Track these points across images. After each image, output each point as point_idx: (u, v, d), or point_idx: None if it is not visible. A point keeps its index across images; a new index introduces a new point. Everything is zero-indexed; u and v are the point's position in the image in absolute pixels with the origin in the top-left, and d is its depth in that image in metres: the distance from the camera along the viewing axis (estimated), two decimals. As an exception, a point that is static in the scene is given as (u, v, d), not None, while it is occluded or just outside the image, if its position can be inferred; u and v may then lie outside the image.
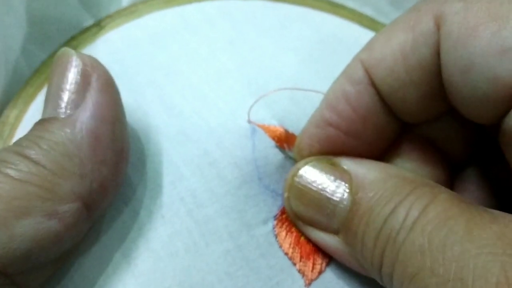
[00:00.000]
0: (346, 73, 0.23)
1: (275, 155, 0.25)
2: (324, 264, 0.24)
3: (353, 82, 0.22)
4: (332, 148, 0.23)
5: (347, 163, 0.23)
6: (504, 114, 0.19)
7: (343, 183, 0.22)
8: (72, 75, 0.22)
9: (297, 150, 0.25)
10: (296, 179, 0.24)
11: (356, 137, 0.23)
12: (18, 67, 0.28)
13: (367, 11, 0.32)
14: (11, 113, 0.26)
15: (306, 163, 0.24)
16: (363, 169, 0.22)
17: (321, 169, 0.23)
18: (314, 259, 0.24)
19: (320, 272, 0.24)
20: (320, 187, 0.23)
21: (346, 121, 0.23)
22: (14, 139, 0.25)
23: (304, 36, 0.30)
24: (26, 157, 0.20)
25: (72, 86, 0.22)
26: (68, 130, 0.21)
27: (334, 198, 0.22)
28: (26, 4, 0.28)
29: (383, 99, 0.22)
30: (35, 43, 0.29)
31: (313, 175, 0.23)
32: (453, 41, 0.19)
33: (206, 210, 0.24)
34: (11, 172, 0.20)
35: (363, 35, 0.31)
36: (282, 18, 0.31)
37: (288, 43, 0.29)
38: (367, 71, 0.22)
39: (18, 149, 0.20)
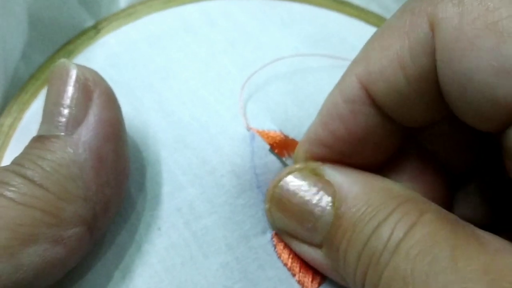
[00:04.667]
0: (340, 88, 0.22)
1: (274, 162, 0.25)
2: (323, 275, 0.24)
3: (347, 100, 0.21)
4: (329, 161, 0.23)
5: (332, 174, 0.22)
6: (504, 128, 0.18)
7: (326, 195, 0.22)
8: (72, 90, 0.21)
9: (296, 161, 0.24)
10: (277, 190, 0.23)
11: (351, 156, 0.22)
12: (17, 71, 0.28)
13: (373, 8, 0.31)
14: (5, 121, 0.26)
15: (288, 173, 0.23)
16: (348, 181, 0.21)
17: (304, 180, 0.22)
18: (313, 270, 0.24)
19: (319, 284, 0.24)
20: (302, 199, 0.22)
21: (340, 141, 0.22)
22: (9, 149, 0.25)
23: (307, 34, 0.29)
24: (29, 180, 0.19)
25: (74, 101, 0.21)
26: (71, 151, 0.20)
27: (317, 211, 0.22)
28: (26, 7, 0.27)
29: (382, 113, 0.21)
30: (34, 46, 0.28)
31: (295, 186, 0.22)
32: (448, 54, 0.18)
33: (204, 221, 0.23)
34: (14, 195, 0.19)
35: (369, 34, 0.30)
36: (284, 16, 0.30)
37: (291, 42, 0.28)
38: (363, 87, 0.21)
39: (20, 170, 0.20)
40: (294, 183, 0.22)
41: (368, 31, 0.30)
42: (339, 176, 0.22)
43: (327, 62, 0.28)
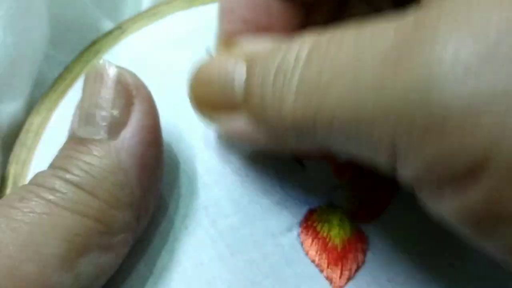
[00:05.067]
0: None
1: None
2: (353, 270, 0.24)
3: None
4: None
5: (245, 43, 0.22)
6: None
7: (240, 61, 0.21)
8: (114, 92, 0.21)
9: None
10: (199, 68, 0.23)
11: (270, 31, 0.22)
12: (41, 72, 0.28)
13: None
14: (34, 120, 0.26)
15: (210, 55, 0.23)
16: (258, 41, 0.21)
17: (220, 55, 0.23)
18: (342, 265, 0.23)
19: (349, 279, 0.23)
20: (219, 70, 0.21)
21: (252, 21, 0.22)
22: (39, 147, 0.25)
23: None
24: (80, 188, 0.19)
25: (116, 105, 0.20)
26: (117, 158, 0.20)
27: (232, 74, 0.21)
28: (48, 9, 0.28)
29: None
30: (56, 47, 0.29)
31: (213, 61, 0.22)
32: None
33: (230, 219, 0.24)
34: (67, 204, 0.19)
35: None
36: None
37: None
38: None
39: (69, 177, 0.19)
40: (213, 62, 0.22)
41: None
42: (249, 44, 0.22)
43: None
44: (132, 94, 0.21)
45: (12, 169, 0.25)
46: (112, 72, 0.21)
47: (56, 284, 0.18)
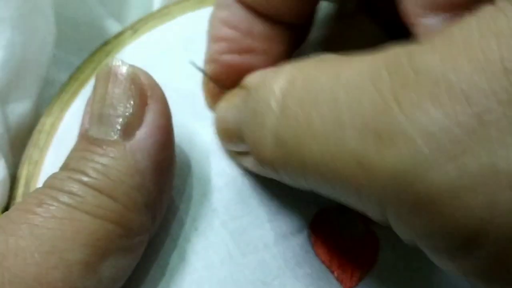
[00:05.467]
0: (216, 3, 0.24)
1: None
2: (363, 271, 0.24)
3: (224, 6, 0.23)
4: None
5: (249, 78, 0.22)
6: None
7: (238, 99, 0.22)
8: (127, 92, 0.20)
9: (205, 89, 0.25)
10: (216, 114, 0.24)
11: (253, 53, 0.23)
12: (49, 73, 0.28)
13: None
14: (46, 121, 0.26)
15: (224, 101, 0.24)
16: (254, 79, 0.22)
17: (229, 98, 0.23)
18: (353, 266, 0.23)
19: (359, 280, 0.23)
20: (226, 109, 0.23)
21: (235, 42, 0.23)
22: (51, 148, 0.25)
23: None
24: (99, 191, 0.19)
25: (130, 105, 0.20)
26: (132, 159, 0.19)
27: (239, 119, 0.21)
28: (56, 10, 0.28)
29: (254, 11, 0.22)
30: (64, 48, 0.29)
31: (224, 108, 0.23)
32: None
33: (240, 221, 0.24)
34: (89, 208, 0.19)
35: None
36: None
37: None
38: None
39: (87, 180, 0.19)
40: (224, 105, 0.23)
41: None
42: (251, 78, 0.22)
43: None
44: (146, 94, 0.20)
45: (24, 170, 0.25)
46: (125, 71, 0.21)
47: None
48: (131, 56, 0.27)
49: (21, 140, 0.26)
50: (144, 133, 0.20)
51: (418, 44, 0.15)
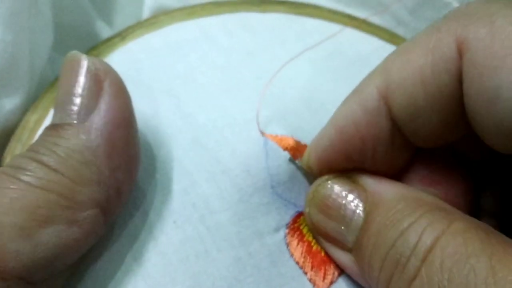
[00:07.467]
0: (359, 97, 0.22)
1: (288, 164, 0.25)
2: (336, 274, 0.24)
3: (366, 110, 0.22)
4: (341, 165, 0.23)
5: (366, 181, 0.23)
6: None
7: (359, 200, 0.22)
8: (84, 80, 0.22)
9: (305, 163, 0.25)
10: (317, 194, 0.24)
11: (360, 163, 0.23)
12: (44, 73, 0.29)
13: (386, 19, 0.32)
14: (31, 118, 0.27)
15: (326, 180, 0.24)
16: (381, 188, 0.22)
17: (341, 186, 0.23)
18: (325, 269, 0.24)
19: (331, 282, 0.24)
20: (338, 203, 0.23)
21: (354, 148, 0.22)
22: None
23: (320, 48, 0.30)
24: (45, 165, 0.20)
25: (85, 91, 0.21)
26: (84, 137, 0.21)
27: (350, 215, 0.22)
28: (53, 12, 0.29)
29: (398, 127, 0.22)
30: (60, 51, 0.30)
31: (332, 192, 0.23)
32: (478, 71, 0.18)
33: (218, 216, 0.24)
34: (31, 180, 0.20)
35: (380, 48, 0.31)
36: (299, 30, 0.31)
37: (305, 55, 0.30)
38: (383, 99, 0.21)
39: (36, 156, 0.20)
40: (332, 188, 0.23)
41: (381, 45, 0.31)
42: (373, 184, 0.22)
43: (341, 73, 0.29)
44: (101, 79, 0.22)
45: (5, 163, 0.26)
46: (82, 61, 0.22)
47: (12, 252, 0.19)
48: (118, 59, 0.28)
49: (9, 137, 0.27)
50: (97, 115, 0.21)
51: None
